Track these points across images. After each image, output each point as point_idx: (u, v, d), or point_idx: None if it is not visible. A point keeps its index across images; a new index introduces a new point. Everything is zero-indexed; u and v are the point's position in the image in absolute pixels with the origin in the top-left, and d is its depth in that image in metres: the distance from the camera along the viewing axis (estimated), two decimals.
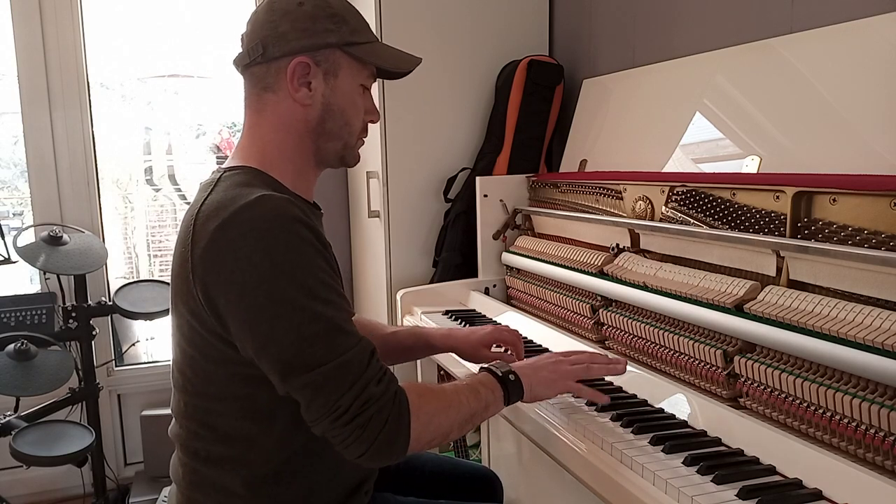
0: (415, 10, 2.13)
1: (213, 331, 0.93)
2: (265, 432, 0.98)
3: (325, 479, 1.04)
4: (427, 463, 1.36)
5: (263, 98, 1.03)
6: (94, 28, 2.49)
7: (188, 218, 0.97)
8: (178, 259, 0.96)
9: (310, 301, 0.89)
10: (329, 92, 1.03)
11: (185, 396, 1.02)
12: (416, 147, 2.18)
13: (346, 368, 0.89)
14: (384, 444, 0.90)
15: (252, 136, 1.05)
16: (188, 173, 2.77)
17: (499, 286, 1.99)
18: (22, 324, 2.25)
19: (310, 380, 0.88)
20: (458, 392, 1.00)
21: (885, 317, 0.92)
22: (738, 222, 1.24)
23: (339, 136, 1.07)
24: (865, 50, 1.17)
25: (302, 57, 1.00)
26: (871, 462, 0.90)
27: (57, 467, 2.20)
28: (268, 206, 0.90)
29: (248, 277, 0.88)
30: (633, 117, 1.75)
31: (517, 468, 1.94)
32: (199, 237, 0.92)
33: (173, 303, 1.00)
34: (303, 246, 0.90)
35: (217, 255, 0.90)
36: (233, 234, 0.89)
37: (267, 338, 0.89)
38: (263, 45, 1.00)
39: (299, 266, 0.89)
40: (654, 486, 0.90)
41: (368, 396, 0.89)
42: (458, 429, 0.99)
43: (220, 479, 1.00)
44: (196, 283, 0.92)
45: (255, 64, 1.02)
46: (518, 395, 1.06)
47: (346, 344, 0.90)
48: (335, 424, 0.88)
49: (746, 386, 1.10)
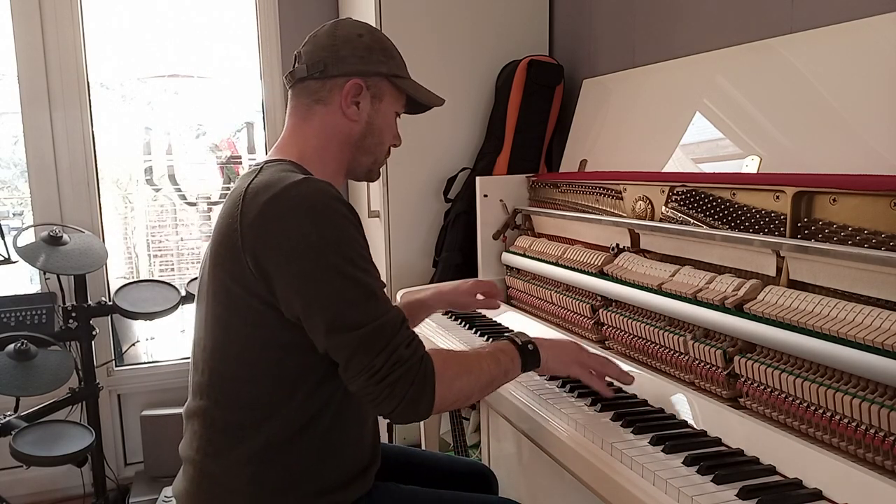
0: (415, 10, 2.13)
1: (256, 293, 1.01)
2: (286, 399, 1.05)
3: (332, 454, 1.09)
4: (427, 460, 1.42)
5: (313, 108, 1.15)
6: (94, 28, 2.49)
7: (235, 195, 1.05)
8: (223, 230, 1.04)
9: (351, 269, 0.98)
10: (373, 113, 1.18)
11: (208, 368, 1.08)
12: (416, 147, 2.18)
13: (381, 332, 0.98)
14: (411, 402, 0.98)
15: (294, 138, 1.17)
16: (188, 173, 2.76)
17: (499, 286, 1.99)
18: (22, 324, 2.25)
19: (349, 340, 0.97)
20: (479, 358, 1.09)
21: (885, 317, 0.92)
22: (738, 222, 1.24)
23: (372, 152, 1.20)
24: (865, 50, 1.17)
25: (357, 79, 1.14)
26: (871, 462, 0.90)
27: (57, 467, 2.20)
28: (313, 186, 1.01)
29: (296, 244, 0.97)
30: (633, 117, 1.75)
31: (517, 468, 1.94)
32: (248, 209, 1.01)
33: (211, 273, 1.06)
34: (344, 221, 1.00)
35: (268, 224, 0.99)
36: (283, 206, 0.99)
37: (313, 299, 0.97)
38: (325, 63, 1.13)
39: (342, 238, 0.99)
40: (654, 486, 0.90)
41: (398, 358, 0.97)
42: (479, 392, 1.09)
43: (233, 451, 1.05)
44: (245, 249, 1.00)
45: (312, 78, 1.14)
46: (534, 363, 1.14)
47: (381, 309, 0.99)
48: (369, 382, 0.96)
49: (746, 386, 1.10)
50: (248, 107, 2.79)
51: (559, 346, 1.20)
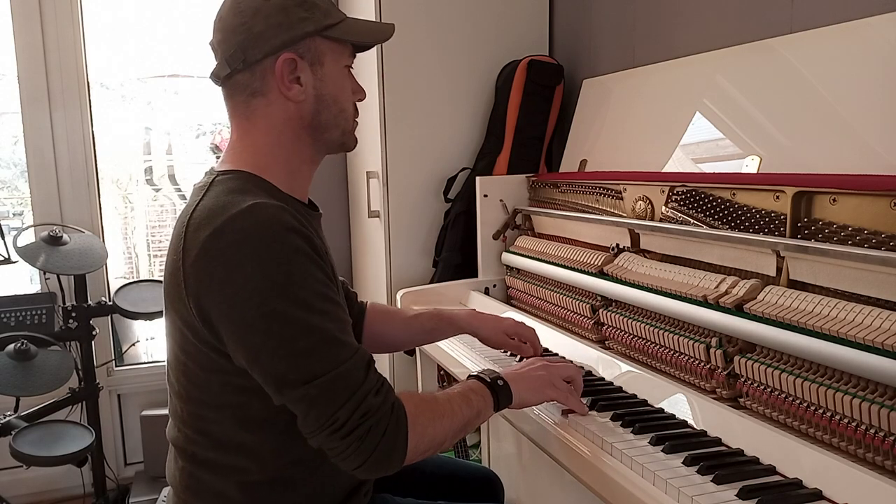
0: (415, 10, 2.13)
1: (205, 340, 0.92)
2: (260, 441, 0.97)
3: (323, 486, 1.03)
4: (427, 463, 1.34)
5: (252, 104, 1.00)
6: (94, 28, 2.49)
7: (180, 225, 0.95)
8: (169, 267, 0.95)
9: (304, 313, 0.87)
10: (319, 82, 1.01)
11: (179, 402, 1.01)
12: (416, 147, 2.18)
13: (343, 380, 0.88)
14: (382, 455, 0.89)
15: (243, 141, 1.02)
16: (188, 173, 2.76)
17: (499, 286, 1.99)
18: (22, 324, 2.25)
19: (305, 392, 0.87)
20: (450, 401, 0.99)
21: (885, 317, 0.92)
22: (738, 222, 1.24)
23: (335, 125, 1.04)
24: (865, 50, 1.17)
25: (286, 53, 0.97)
26: (871, 462, 0.90)
27: (57, 467, 2.20)
28: (260, 216, 0.88)
29: (239, 289, 0.86)
30: (633, 117, 1.75)
31: (517, 468, 1.94)
32: (190, 246, 0.91)
33: (166, 308, 0.98)
34: (296, 256, 0.88)
35: (208, 266, 0.88)
36: (224, 243, 0.88)
37: (259, 350, 0.87)
38: (242, 50, 0.97)
39: (292, 277, 0.87)
40: (654, 486, 0.90)
41: (367, 408, 0.88)
42: (451, 438, 0.99)
43: (216, 485, 0.99)
44: (188, 292, 0.90)
45: (238, 72, 0.99)
46: (507, 400, 1.05)
47: (342, 355, 0.89)
48: (333, 437, 0.88)
49: (746, 386, 1.10)
50: None
51: (528, 375, 1.10)
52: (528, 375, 1.10)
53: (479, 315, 1.37)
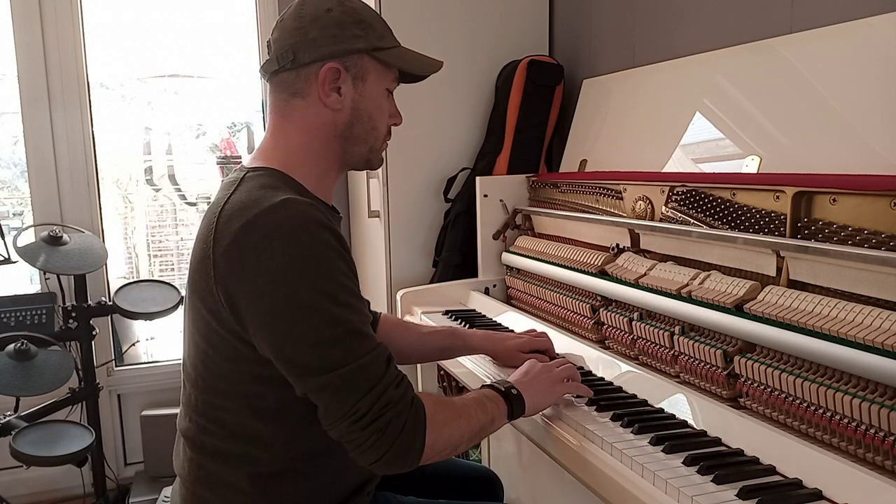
0: (415, 10, 2.13)
1: (230, 328, 0.94)
2: (273, 432, 0.99)
3: (330, 481, 1.04)
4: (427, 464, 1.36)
5: (291, 103, 1.05)
6: (94, 28, 2.49)
7: (210, 215, 0.97)
8: (198, 255, 0.97)
9: (330, 304, 0.90)
10: (358, 97, 1.05)
11: (195, 391, 1.02)
12: (416, 147, 2.18)
13: (365, 371, 0.90)
14: (401, 449, 0.91)
15: (276, 139, 1.06)
16: (188, 173, 2.77)
17: (499, 286, 1.99)
18: (22, 324, 2.25)
19: (328, 381, 0.89)
20: (466, 404, 1.02)
21: (885, 317, 0.92)
22: (738, 222, 1.24)
23: (365, 140, 1.09)
24: (865, 50, 1.17)
25: (332, 63, 1.02)
26: (871, 462, 0.90)
27: (57, 467, 2.20)
28: (292, 210, 0.91)
29: (269, 279, 0.89)
30: (633, 117, 1.75)
31: (517, 468, 1.94)
32: (221, 236, 0.93)
33: (189, 298, 1.00)
34: (325, 249, 0.91)
35: (239, 255, 0.91)
36: (256, 235, 0.90)
37: (285, 338, 0.90)
38: (294, 51, 1.01)
39: (321, 269, 0.90)
40: (654, 486, 0.90)
41: (388, 400, 0.90)
42: (467, 440, 1.00)
43: (226, 476, 1.00)
44: (217, 281, 0.93)
45: (285, 70, 1.03)
46: (521, 408, 1.08)
47: (364, 347, 0.92)
48: (353, 428, 0.89)
49: (746, 386, 1.10)
50: (248, 107, 2.79)
51: (535, 380, 1.13)
52: (536, 380, 1.13)
53: (493, 336, 1.40)
